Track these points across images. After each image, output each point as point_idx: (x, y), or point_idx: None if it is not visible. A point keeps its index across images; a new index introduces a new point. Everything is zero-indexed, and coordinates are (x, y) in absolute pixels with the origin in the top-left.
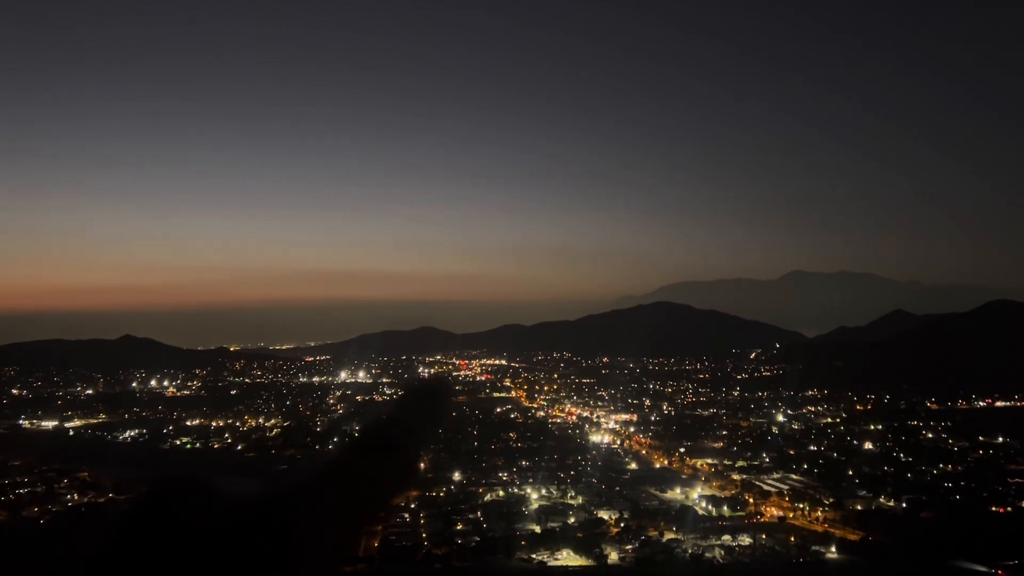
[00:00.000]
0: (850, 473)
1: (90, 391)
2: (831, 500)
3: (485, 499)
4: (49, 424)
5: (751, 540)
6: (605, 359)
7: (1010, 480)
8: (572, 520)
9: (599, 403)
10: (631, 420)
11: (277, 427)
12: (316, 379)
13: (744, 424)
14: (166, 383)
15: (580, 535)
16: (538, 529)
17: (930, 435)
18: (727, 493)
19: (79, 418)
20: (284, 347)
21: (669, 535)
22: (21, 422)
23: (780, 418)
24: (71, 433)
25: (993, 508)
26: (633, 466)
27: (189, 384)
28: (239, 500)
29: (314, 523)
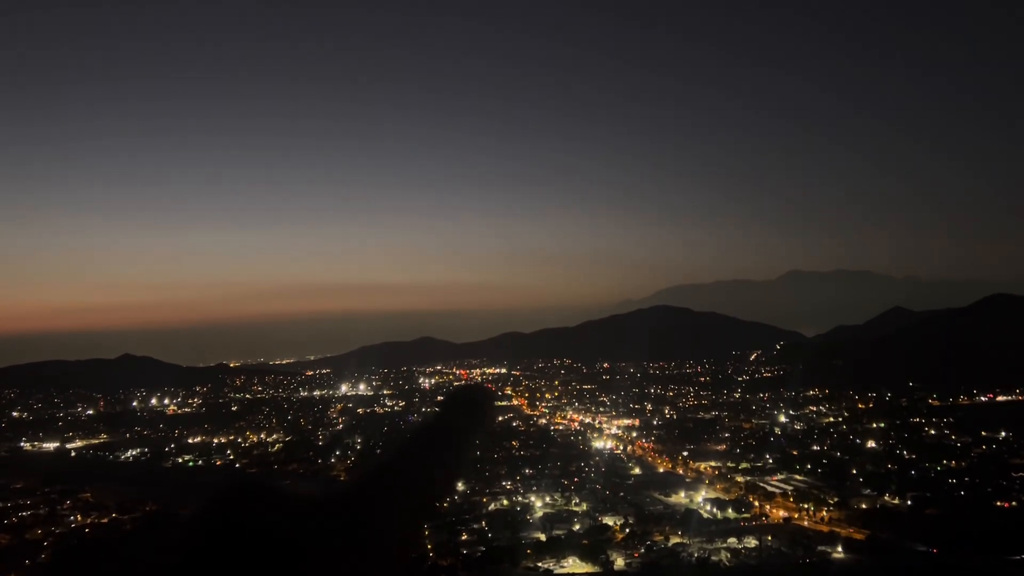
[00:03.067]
0: (854, 472)
1: (91, 411)
2: (835, 500)
3: (489, 508)
4: (50, 445)
5: (757, 542)
6: (605, 364)
7: (1013, 474)
8: (577, 527)
9: (601, 409)
10: (633, 425)
11: (279, 442)
12: (317, 393)
13: (746, 426)
14: (166, 401)
15: (585, 542)
16: (543, 537)
17: (932, 431)
18: (731, 495)
19: (80, 438)
20: (284, 362)
21: (675, 539)
22: (23, 444)
23: (782, 419)
24: (73, 454)
25: (997, 503)
26: (636, 471)
27: (190, 401)
28: (304, 500)
29: (378, 520)
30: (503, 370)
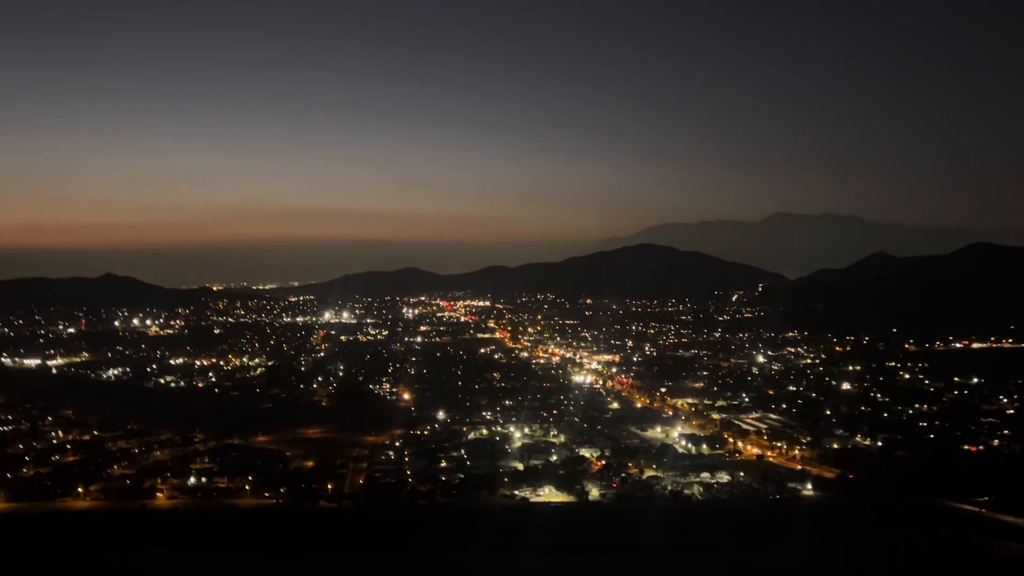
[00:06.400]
0: (828, 413)
1: (72, 329)
2: (808, 439)
3: (469, 437)
4: (31, 362)
5: (729, 477)
6: (589, 300)
7: (983, 420)
8: (554, 458)
9: (582, 344)
10: (613, 361)
11: (261, 366)
12: (300, 319)
13: (725, 365)
14: (149, 322)
15: (562, 472)
16: (521, 466)
17: (907, 376)
18: (707, 432)
19: (62, 356)
20: (267, 287)
21: (649, 472)
22: (3, 360)
23: (760, 359)
24: (54, 371)
25: (965, 447)
26: (615, 405)
27: (172, 323)
28: None
29: None
30: (486, 303)
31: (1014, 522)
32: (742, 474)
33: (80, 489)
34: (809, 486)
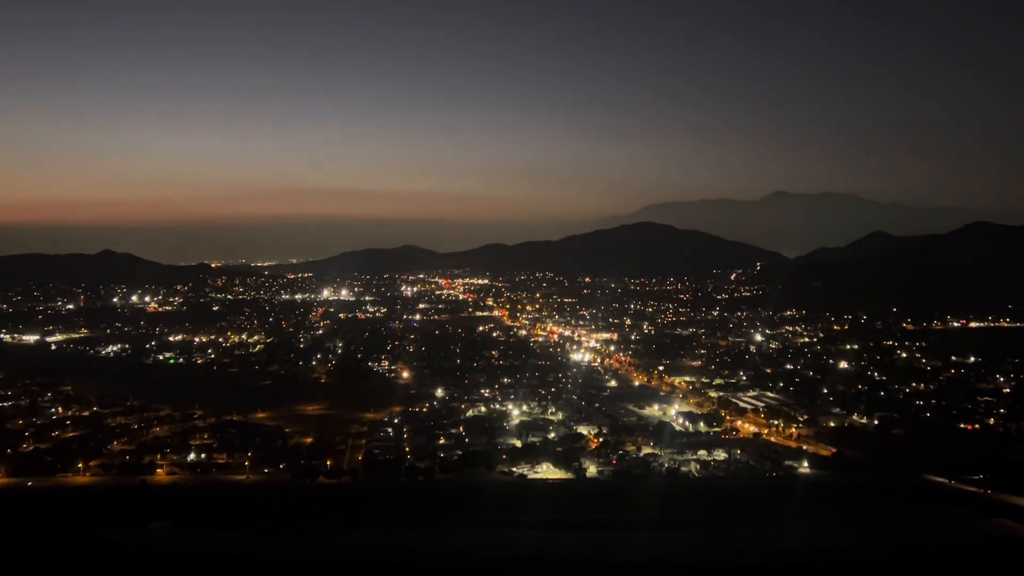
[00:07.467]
0: (825, 391)
1: (71, 306)
2: (805, 417)
3: (467, 414)
4: (30, 338)
5: (726, 455)
6: (587, 279)
7: (979, 398)
8: (552, 435)
9: (581, 322)
10: (612, 339)
11: (260, 343)
12: (298, 296)
13: (723, 343)
14: (147, 298)
15: (560, 449)
16: (519, 443)
17: (904, 355)
18: (704, 410)
19: (61, 333)
20: (266, 264)
21: (647, 450)
22: (2, 336)
23: (758, 337)
24: (53, 347)
25: (961, 425)
26: (613, 383)
27: (171, 300)
28: None
29: None
30: (485, 281)
31: (1009, 500)
32: (739, 452)
33: (80, 464)
34: (805, 464)
